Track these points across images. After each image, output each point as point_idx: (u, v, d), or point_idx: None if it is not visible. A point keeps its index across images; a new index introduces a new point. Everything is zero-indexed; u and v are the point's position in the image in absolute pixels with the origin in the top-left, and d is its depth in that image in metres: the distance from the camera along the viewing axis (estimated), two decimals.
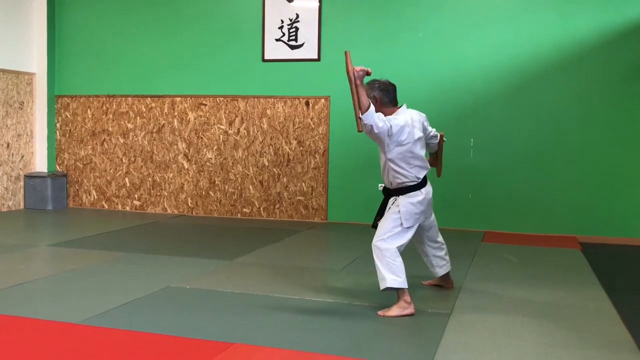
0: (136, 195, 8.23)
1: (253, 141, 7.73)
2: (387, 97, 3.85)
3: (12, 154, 8.04)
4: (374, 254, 3.80)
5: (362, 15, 7.34)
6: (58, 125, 8.49)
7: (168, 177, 8.09)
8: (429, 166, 4.05)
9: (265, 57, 7.63)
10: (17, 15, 8.01)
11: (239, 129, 7.78)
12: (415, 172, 3.88)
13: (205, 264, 5.01)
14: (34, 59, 8.26)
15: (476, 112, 7.04)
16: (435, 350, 3.12)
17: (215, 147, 7.88)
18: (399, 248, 3.77)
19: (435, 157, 4.38)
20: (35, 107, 8.33)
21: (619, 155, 6.64)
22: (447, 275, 4.35)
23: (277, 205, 7.68)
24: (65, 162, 8.50)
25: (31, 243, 5.81)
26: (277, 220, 7.57)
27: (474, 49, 7.01)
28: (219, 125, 7.85)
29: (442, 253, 4.26)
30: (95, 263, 4.97)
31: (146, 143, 8.15)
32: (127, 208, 8.27)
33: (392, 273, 3.67)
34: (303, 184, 7.60)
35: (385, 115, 3.77)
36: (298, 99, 7.58)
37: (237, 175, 7.83)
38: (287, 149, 7.59)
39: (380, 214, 3.98)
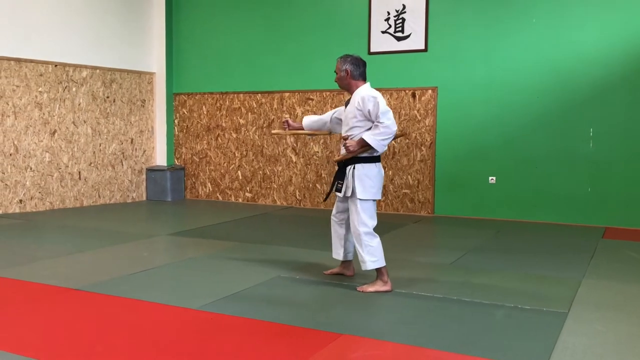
0: (248, 188, 8.56)
1: None
2: (357, 70, 4.06)
3: (136, 149, 8.64)
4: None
5: (472, 2, 7.12)
6: (176, 121, 9.00)
7: (277, 170, 8.33)
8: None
9: (372, 50, 7.62)
10: (138, 20, 8.57)
11: None
12: None
13: (312, 254, 5.11)
14: (154, 59, 8.81)
15: (595, 100, 6.62)
16: (551, 352, 2.99)
17: (322, 141, 8.00)
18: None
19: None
20: (155, 105, 8.89)
21: None
22: (350, 262, 4.35)
23: (383, 198, 7.66)
24: (183, 156, 8.99)
25: (153, 232, 6.21)
26: (382, 213, 7.56)
27: (592, 33, 6.59)
28: None
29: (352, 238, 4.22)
30: (211, 252, 5.24)
31: (257, 138, 8.44)
32: (240, 200, 8.62)
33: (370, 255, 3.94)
34: (409, 176, 7.53)
35: (351, 88, 4.06)
36: (404, 90, 7.51)
37: None
38: (393, 142, 7.53)
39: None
